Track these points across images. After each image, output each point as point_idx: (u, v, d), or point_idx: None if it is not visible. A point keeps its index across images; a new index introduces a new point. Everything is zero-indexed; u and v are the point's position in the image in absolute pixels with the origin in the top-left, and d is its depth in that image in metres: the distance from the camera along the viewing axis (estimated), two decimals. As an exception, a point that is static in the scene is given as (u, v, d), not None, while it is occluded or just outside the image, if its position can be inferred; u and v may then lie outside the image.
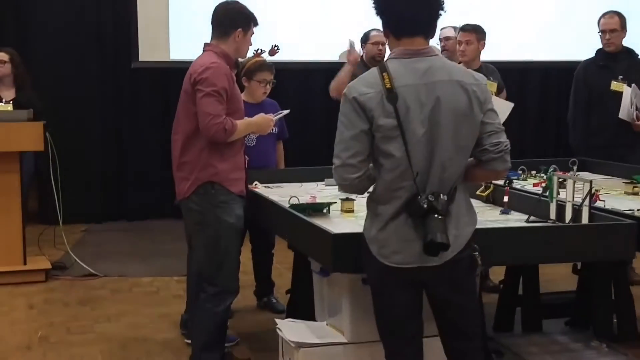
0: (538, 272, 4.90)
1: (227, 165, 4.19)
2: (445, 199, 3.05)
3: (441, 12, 3.14)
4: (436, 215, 3.00)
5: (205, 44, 4.35)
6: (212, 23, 4.34)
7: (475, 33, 5.92)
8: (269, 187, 5.02)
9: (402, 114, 3.01)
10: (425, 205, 3.01)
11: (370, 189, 3.19)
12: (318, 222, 3.72)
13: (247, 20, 4.30)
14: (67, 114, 8.06)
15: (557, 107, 9.41)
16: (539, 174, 5.22)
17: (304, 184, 5.14)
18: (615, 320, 4.44)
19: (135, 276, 6.58)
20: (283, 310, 5.51)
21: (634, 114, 6.09)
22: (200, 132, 4.13)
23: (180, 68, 8.02)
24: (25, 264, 6.35)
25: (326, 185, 5.08)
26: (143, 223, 8.61)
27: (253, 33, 4.36)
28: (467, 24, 5.97)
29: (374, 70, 3.10)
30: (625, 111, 6.08)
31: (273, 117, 4.59)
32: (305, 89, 8.72)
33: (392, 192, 3.08)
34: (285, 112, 4.78)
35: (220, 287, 4.27)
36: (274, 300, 5.67)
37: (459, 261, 3.13)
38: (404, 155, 3.02)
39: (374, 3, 3.17)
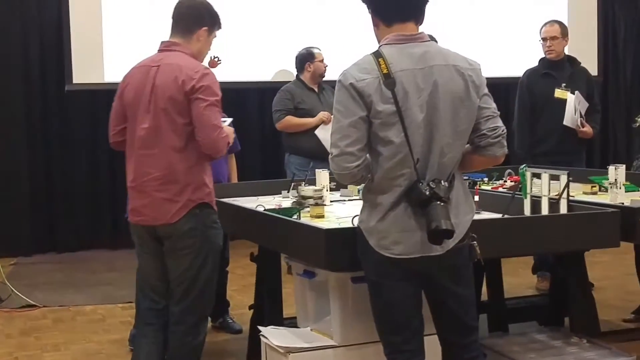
0: (502, 275, 4.88)
1: (211, 182, 3.80)
2: (446, 185, 2.98)
3: None
4: (438, 202, 2.93)
5: (170, 42, 3.79)
6: (174, 17, 3.82)
7: None
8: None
9: (401, 99, 2.94)
10: (427, 192, 2.93)
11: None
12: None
13: (213, 20, 3.83)
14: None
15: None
16: (491, 181, 5.21)
17: (259, 197, 5.00)
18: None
19: (76, 305, 6.30)
20: (240, 330, 5.36)
21: (578, 120, 6.16)
22: (190, 146, 3.64)
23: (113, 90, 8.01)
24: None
25: (283, 198, 4.97)
26: (74, 254, 8.29)
27: (215, 37, 3.90)
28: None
29: (368, 57, 3.02)
30: (569, 118, 6.15)
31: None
32: (239, 107, 8.64)
33: (392, 181, 3.00)
34: (229, 119, 4.47)
35: (200, 314, 3.82)
36: (230, 320, 5.49)
37: (460, 250, 3.07)
38: (403, 142, 2.94)
39: None
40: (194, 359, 3.85)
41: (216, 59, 6.55)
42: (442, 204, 2.93)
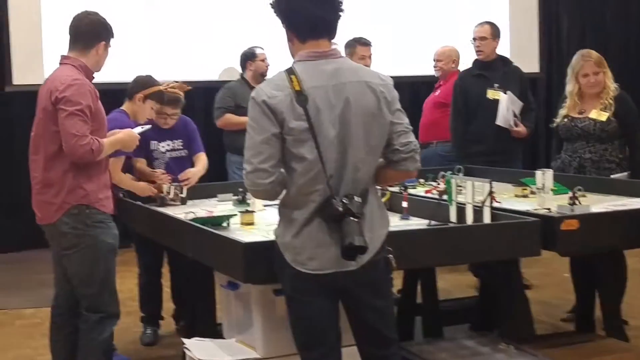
0: (436, 279, 4.90)
1: (94, 185, 4.00)
2: (360, 200, 3.00)
3: (341, 13, 3.11)
4: (352, 218, 2.95)
5: (63, 57, 4.11)
6: (73, 34, 4.11)
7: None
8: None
9: (313, 116, 2.96)
10: (340, 208, 2.95)
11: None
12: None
13: (108, 33, 4.15)
14: None
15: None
16: (427, 182, 5.24)
17: (195, 201, 5.01)
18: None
19: (16, 308, 6.28)
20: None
21: (512, 120, 6.21)
22: (63, 152, 3.90)
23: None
24: None
25: (219, 201, 4.98)
26: (18, 254, 8.21)
27: (110, 46, 4.19)
28: (365, 38, 6.58)
29: (281, 74, 3.04)
30: (502, 118, 6.19)
31: (138, 133, 4.36)
32: (186, 107, 8.54)
33: (306, 196, 3.01)
34: (148, 127, 4.58)
35: (104, 312, 4.10)
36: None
37: (375, 264, 3.09)
38: (316, 158, 2.96)
39: (276, 7, 3.13)
40: (100, 355, 4.09)
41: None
42: (355, 219, 2.95)
